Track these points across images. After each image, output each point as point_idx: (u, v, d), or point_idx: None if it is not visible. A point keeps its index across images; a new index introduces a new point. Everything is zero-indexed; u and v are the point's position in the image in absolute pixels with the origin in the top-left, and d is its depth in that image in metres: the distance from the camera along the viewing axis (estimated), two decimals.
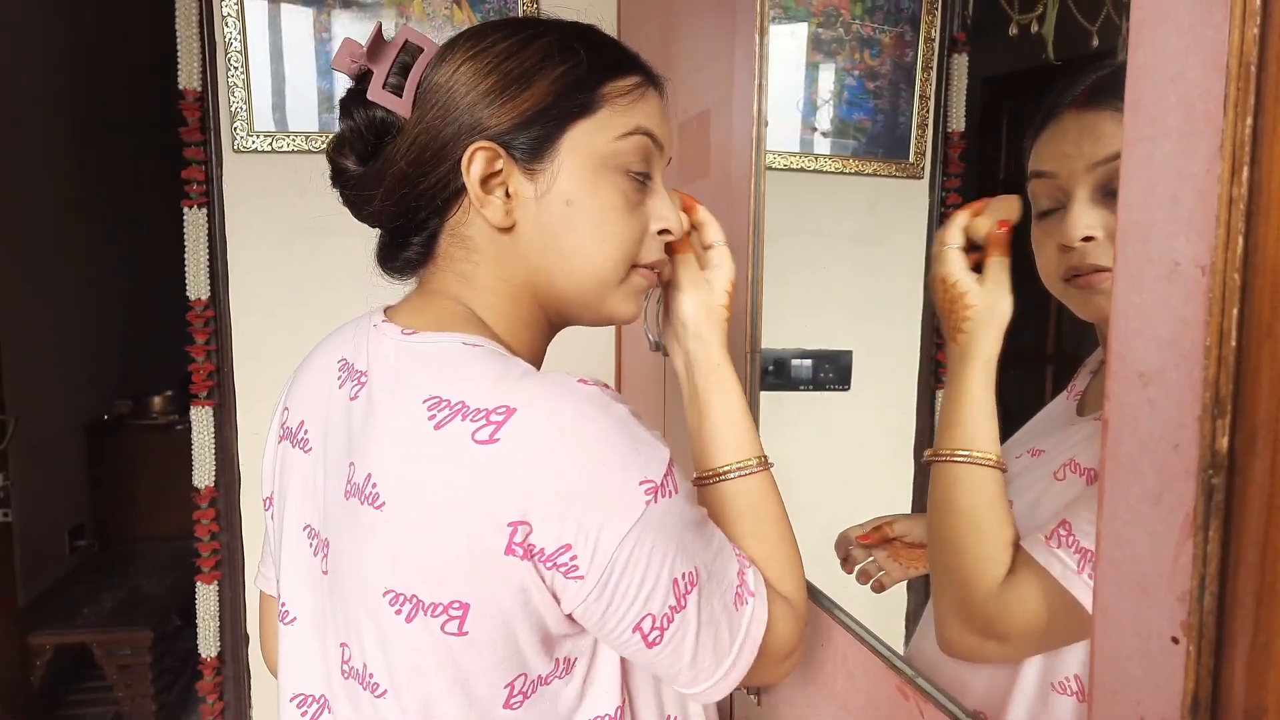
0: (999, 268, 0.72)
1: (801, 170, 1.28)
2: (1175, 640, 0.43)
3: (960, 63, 1.27)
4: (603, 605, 0.59)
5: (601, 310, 0.71)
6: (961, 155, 1.28)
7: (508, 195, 0.66)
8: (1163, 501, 0.43)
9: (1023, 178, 0.75)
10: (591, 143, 0.66)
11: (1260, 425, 0.39)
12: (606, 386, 0.62)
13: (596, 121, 0.66)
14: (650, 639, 0.60)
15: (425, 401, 0.60)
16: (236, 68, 1.56)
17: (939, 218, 1.29)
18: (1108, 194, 0.66)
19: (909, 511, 1.01)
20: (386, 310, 0.71)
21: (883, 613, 0.96)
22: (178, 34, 1.54)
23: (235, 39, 1.56)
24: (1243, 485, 0.40)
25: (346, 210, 0.73)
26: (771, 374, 1.28)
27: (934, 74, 1.28)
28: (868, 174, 1.30)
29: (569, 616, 0.61)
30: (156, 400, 3.40)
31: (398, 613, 0.60)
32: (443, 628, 0.59)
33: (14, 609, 2.42)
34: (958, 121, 1.29)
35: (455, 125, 0.65)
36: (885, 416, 1.28)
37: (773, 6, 1.22)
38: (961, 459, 0.70)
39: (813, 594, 0.88)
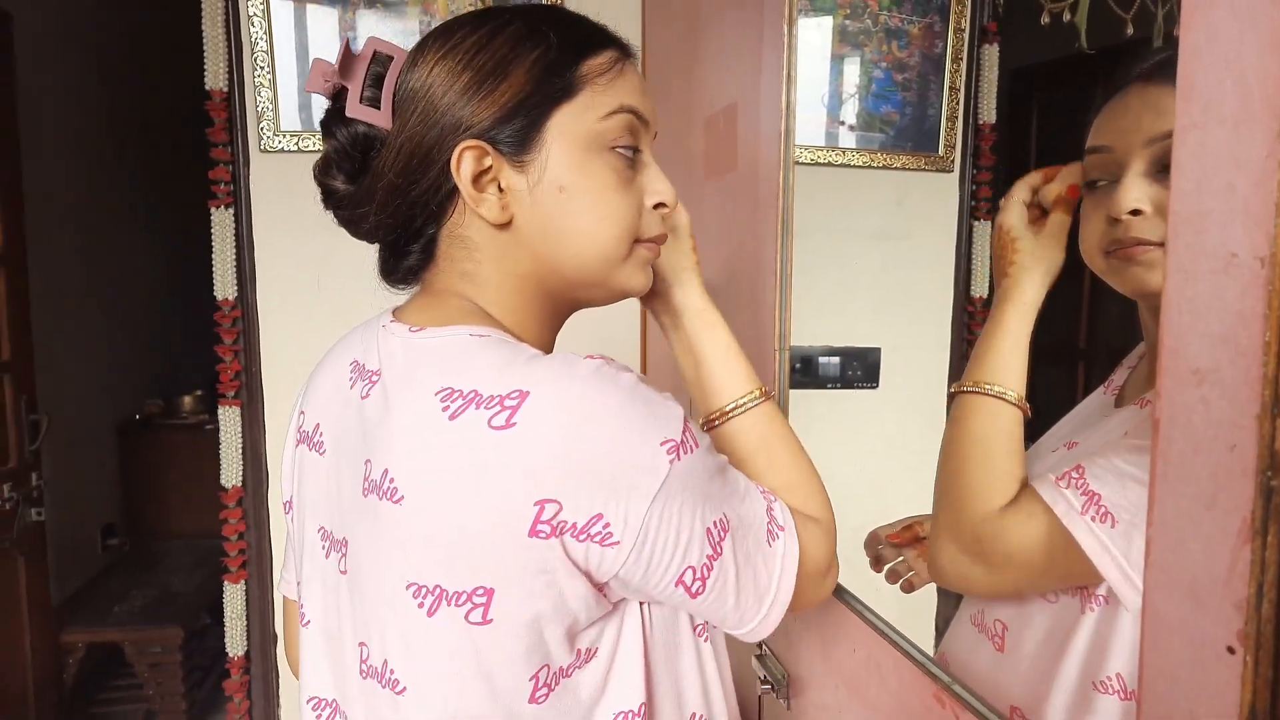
0: (1059, 225, 0.74)
1: (829, 165, 1.27)
2: (1231, 650, 0.41)
3: (991, 53, 1.25)
4: (642, 567, 0.60)
5: (612, 287, 0.71)
6: (993, 147, 1.26)
7: (501, 190, 0.66)
8: (1218, 504, 0.41)
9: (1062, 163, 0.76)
10: (577, 126, 0.66)
11: None
12: (610, 360, 0.63)
13: (579, 104, 0.66)
14: (694, 590, 0.62)
15: (437, 394, 0.60)
16: (262, 68, 1.56)
17: (970, 211, 1.27)
18: (1161, 170, 0.66)
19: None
20: (394, 311, 0.72)
21: (910, 612, 0.95)
22: (204, 35, 1.55)
23: (261, 39, 1.56)
24: None
25: None
26: (799, 371, 1.27)
27: (964, 65, 1.26)
28: (895, 168, 1.28)
29: (603, 586, 0.62)
30: (187, 400, 3.44)
31: (420, 605, 0.60)
32: (466, 617, 0.59)
33: (47, 607, 2.45)
34: (989, 113, 1.27)
35: (438, 128, 0.65)
36: (915, 414, 1.26)
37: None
38: (985, 391, 0.72)
39: (842, 595, 0.86)
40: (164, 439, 3.38)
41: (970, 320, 1.28)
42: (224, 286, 1.67)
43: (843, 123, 1.29)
